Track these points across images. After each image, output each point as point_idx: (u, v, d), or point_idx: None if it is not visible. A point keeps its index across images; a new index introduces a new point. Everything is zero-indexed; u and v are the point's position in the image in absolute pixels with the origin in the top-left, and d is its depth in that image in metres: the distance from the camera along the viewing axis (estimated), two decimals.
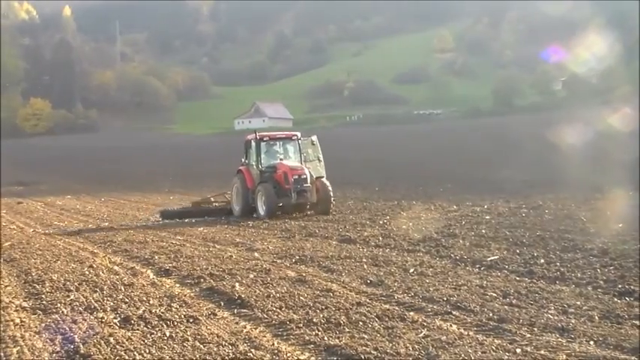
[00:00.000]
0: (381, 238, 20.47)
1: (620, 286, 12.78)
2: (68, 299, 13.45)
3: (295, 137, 31.89)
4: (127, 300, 13.21)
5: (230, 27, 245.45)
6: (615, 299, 11.93)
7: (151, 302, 12.93)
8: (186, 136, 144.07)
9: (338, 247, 19.30)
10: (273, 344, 10.07)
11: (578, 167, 37.91)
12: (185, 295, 13.59)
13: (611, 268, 14.46)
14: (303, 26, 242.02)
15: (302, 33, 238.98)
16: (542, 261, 15.56)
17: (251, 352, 9.61)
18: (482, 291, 12.85)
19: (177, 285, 14.81)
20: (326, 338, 10.13)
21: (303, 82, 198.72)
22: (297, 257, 17.70)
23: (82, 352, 9.84)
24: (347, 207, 32.09)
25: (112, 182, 62.68)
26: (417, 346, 9.52)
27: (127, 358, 9.51)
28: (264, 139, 31.46)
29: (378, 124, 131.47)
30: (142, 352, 9.76)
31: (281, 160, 30.82)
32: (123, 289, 14.37)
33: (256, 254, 18.61)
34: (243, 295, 13.07)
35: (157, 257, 18.46)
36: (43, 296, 13.85)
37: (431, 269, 15.22)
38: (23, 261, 18.77)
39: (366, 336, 10.17)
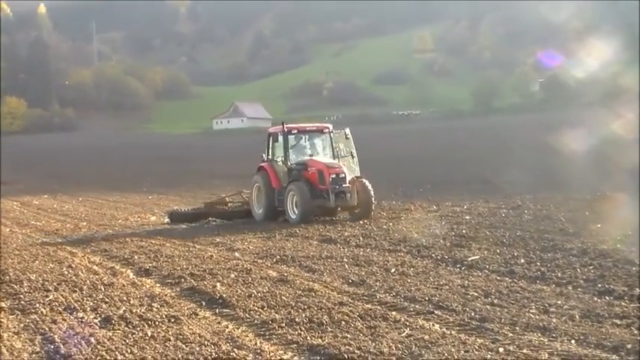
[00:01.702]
0: (361, 238, 20.50)
1: (599, 285, 12.85)
2: (47, 299, 13.44)
3: (327, 130, 28.21)
4: (107, 300, 13.20)
5: (209, 27, 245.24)
6: (595, 298, 12.00)
7: (132, 302, 12.93)
8: (164, 136, 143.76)
9: (319, 247, 19.31)
10: (256, 344, 10.09)
11: (557, 169, 38.08)
12: (166, 295, 13.59)
13: (591, 267, 14.54)
14: (282, 26, 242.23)
15: (281, 33, 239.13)
16: (523, 261, 15.63)
17: (234, 351, 9.63)
18: (463, 291, 12.89)
19: (158, 285, 14.80)
20: (309, 338, 10.16)
21: (282, 83, 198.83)
22: (278, 257, 17.70)
23: (62, 352, 9.85)
24: None
25: (89, 182, 62.16)
26: (400, 346, 9.55)
27: (108, 358, 9.52)
28: (293, 131, 27.78)
29: (358, 124, 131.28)
30: (124, 352, 9.75)
31: (311, 155, 27.53)
32: (103, 288, 14.36)
33: (237, 254, 18.60)
34: (224, 295, 13.08)
35: (136, 257, 18.43)
36: (22, 296, 13.84)
37: (412, 269, 15.25)
38: (0, 261, 18.61)
39: (349, 335, 10.20)
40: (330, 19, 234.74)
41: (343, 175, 25.55)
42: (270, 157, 27.92)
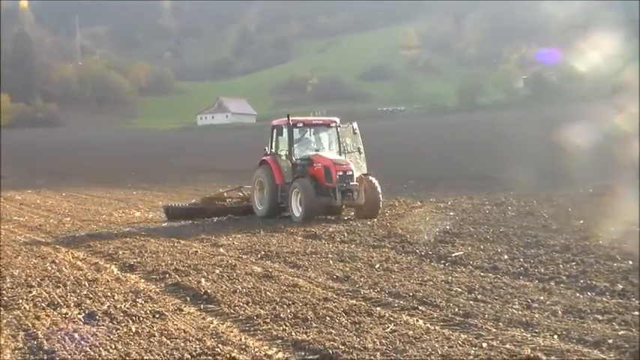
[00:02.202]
0: (346, 234, 20.52)
1: (582, 281, 12.95)
2: (30, 295, 13.38)
3: (334, 124, 26.67)
4: (91, 295, 13.15)
5: (193, 22, 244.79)
6: (577, 294, 12.08)
7: (116, 298, 12.91)
8: (148, 131, 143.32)
9: (303, 243, 19.34)
10: (241, 339, 10.12)
11: (541, 165, 38.19)
12: (150, 291, 13.59)
13: (573, 263, 14.63)
14: (267, 22, 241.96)
15: (266, 29, 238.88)
16: (506, 257, 15.70)
17: (218, 347, 9.63)
18: (447, 286, 12.96)
19: (142, 280, 14.81)
20: (293, 333, 10.18)
21: (267, 78, 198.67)
22: (263, 253, 17.72)
23: (45, 348, 9.82)
24: None
25: (73, 177, 62.02)
26: (384, 341, 9.60)
27: (92, 354, 9.48)
28: (298, 124, 26.09)
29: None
30: (108, 347, 9.73)
31: (316, 150, 26.00)
32: (87, 284, 14.30)
33: (221, 250, 18.61)
34: (209, 291, 13.09)
35: (121, 252, 18.39)
36: (4, 292, 13.76)
37: (396, 265, 15.31)
38: None
39: (333, 331, 10.24)
40: (314, 15, 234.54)
41: (351, 173, 24.08)
42: (273, 150, 26.45)
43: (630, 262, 14.48)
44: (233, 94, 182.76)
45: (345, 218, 25.10)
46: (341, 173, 23.71)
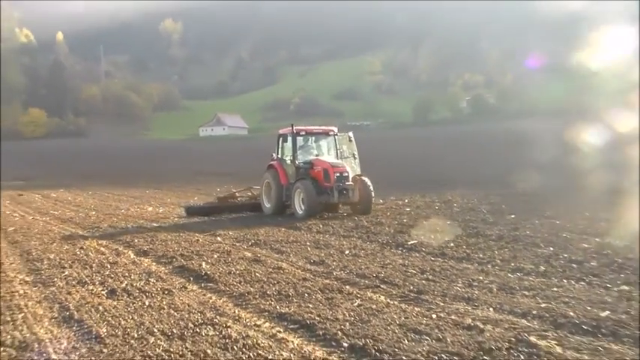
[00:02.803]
0: (321, 226, 20.45)
1: (512, 264, 12.98)
2: (63, 274, 13.36)
3: (332, 133, 25.87)
4: (112, 275, 13.12)
5: (197, 51, 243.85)
6: (509, 274, 12.12)
7: (132, 277, 12.86)
8: (159, 141, 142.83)
9: (286, 233, 19.27)
10: (235, 312, 10.10)
11: (480, 169, 38.31)
12: (160, 272, 13.52)
13: (506, 250, 14.68)
14: (257, 52, 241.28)
15: (257, 57, 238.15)
16: (452, 245, 15.71)
17: (216, 318, 9.62)
18: (404, 269, 12.95)
19: (154, 263, 14.72)
20: (278, 307, 10.16)
21: (257, 98, 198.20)
22: (253, 241, 17.64)
23: (75, 317, 9.83)
24: None
25: (97, 178, 61.87)
26: (352, 313, 9.61)
27: (113, 323, 9.46)
28: (301, 133, 25.35)
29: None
30: (126, 318, 9.73)
31: (317, 155, 25.13)
32: (109, 266, 14.27)
33: (219, 239, 18.52)
34: (208, 272, 13.04)
35: (136, 240, 18.29)
36: (42, 272, 13.76)
37: (362, 251, 15.30)
38: (24, 243, 18.56)
39: (310, 305, 10.23)
40: (297, 46, 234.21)
41: (346, 174, 23.44)
42: (279, 156, 25.68)
43: (551, 249, 14.56)
44: (229, 110, 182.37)
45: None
46: (338, 174, 23.19)
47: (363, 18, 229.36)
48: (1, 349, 8.36)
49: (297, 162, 24.42)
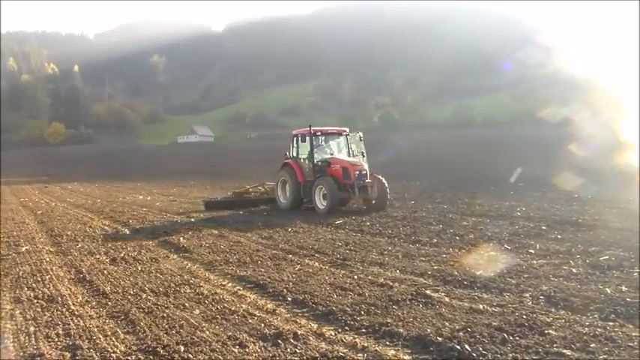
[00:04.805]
0: (271, 211, 20.45)
1: (413, 237, 13.08)
2: (77, 246, 13.21)
3: (345, 133, 21.99)
4: (113, 248, 12.92)
5: (177, 78, 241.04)
6: (410, 245, 12.20)
7: (128, 249, 12.70)
8: (148, 146, 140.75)
9: (244, 216, 19.18)
10: (205, 275, 10.00)
11: (386, 167, 38.66)
12: (149, 245, 13.33)
13: (408, 227, 14.78)
14: (223, 78, 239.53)
15: (222, 82, 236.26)
16: (368, 223, 15.79)
17: (192, 279, 9.53)
18: (332, 242, 12.96)
19: (144, 238, 14.49)
20: (238, 271, 10.07)
21: (222, 113, 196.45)
22: (219, 222, 17.46)
23: (87, 279, 9.77)
24: None
25: (102, 175, 61.30)
26: (294, 275, 9.57)
27: (115, 283, 9.36)
28: (318, 133, 21.35)
29: (269, 140, 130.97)
30: (124, 279, 9.62)
31: (331, 154, 21.23)
32: (110, 240, 14.11)
33: (193, 220, 18.31)
34: (185, 245, 12.91)
35: (131, 221, 18.03)
36: (62, 244, 13.58)
37: (301, 229, 15.26)
38: (49, 223, 18.24)
39: (262, 270, 10.14)
40: (255, 74, 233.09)
41: (365, 172, 19.77)
42: (294, 155, 21.57)
43: (441, 226, 14.73)
44: (200, 123, 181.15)
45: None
46: (358, 172, 19.44)
47: (303, 53, 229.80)
48: (35, 301, 8.37)
49: (315, 160, 20.56)
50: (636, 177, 24.20)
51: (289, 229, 15.17)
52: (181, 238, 13.92)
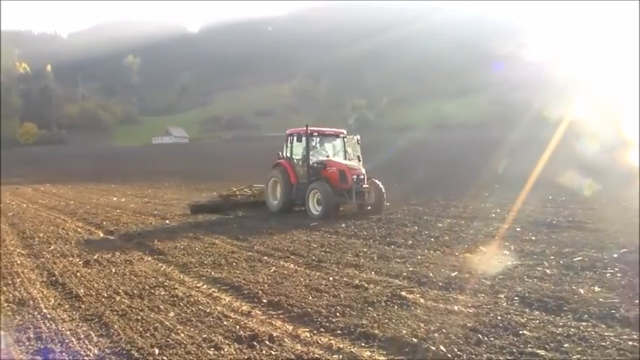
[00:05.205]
0: (246, 213, 20.36)
1: (388, 239, 13.15)
2: (50, 249, 13.00)
3: (342, 135, 20.82)
4: (86, 250, 12.75)
5: (151, 79, 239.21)
6: (385, 247, 12.26)
7: (102, 251, 12.52)
8: (122, 148, 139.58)
9: (219, 218, 19.06)
10: (180, 277, 9.94)
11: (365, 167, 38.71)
12: (123, 246, 13.21)
13: (383, 229, 14.87)
14: (198, 79, 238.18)
15: (197, 83, 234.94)
16: (344, 225, 15.82)
17: (166, 281, 9.47)
18: (307, 243, 12.97)
19: (119, 240, 14.39)
20: (213, 273, 10.03)
21: (197, 115, 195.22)
22: (193, 223, 17.43)
23: (60, 281, 9.63)
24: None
25: (75, 176, 60.53)
26: (269, 277, 9.55)
27: (88, 285, 9.25)
28: (314, 134, 20.16)
29: (244, 141, 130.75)
30: (98, 282, 9.49)
31: (327, 156, 20.12)
32: (84, 242, 13.93)
33: (167, 221, 18.19)
34: (160, 247, 12.81)
35: (105, 223, 17.85)
36: (34, 247, 13.35)
37: (277, 231, 15.22)
38: (20, 225, 17.90)
39: (237, 271, 10.11)
40: (230, 75, 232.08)
41: (362, 176, 18.73)
42: (288, 155, 20.47)
43: (416, 228, 14.84)
44: (175, 124, 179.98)
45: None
46: (355, 177, 18.44)
47: (279, 54, 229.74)
48: (5, 305, 8.24)
49: (309, 162, 19.44)
50: (609, 178, 24.54)
51: (264, 231, 15.13)
52: (156, 240, 13.81)
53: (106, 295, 8.67)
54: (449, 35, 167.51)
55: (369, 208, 18.97)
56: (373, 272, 9.78)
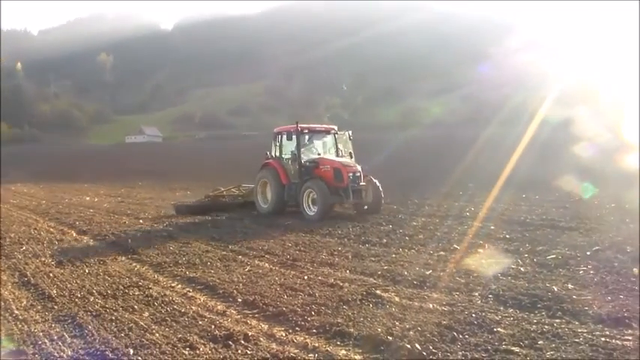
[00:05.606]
0: (221, 213, 20.19)
1: (362, 238, 13.18)
2: (21, 249, 12.91)
3: (333, 131, 19.97)
4: (59, 250, 12.72)
5: (125, 77, 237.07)
6: (360, 245, 12.28)
7: (75, 251, 12.52)
8: (95, 146, 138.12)
9: (193, 218, 18.91)
10: (154, 277, 9.91)
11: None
12: (97, 246, 13.18)
13: (358, 228, 14.89)
14: (172, 77, 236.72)
15: (171, 81, 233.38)
16: (318, 224, 15.84)
17: (141, 281, 9.43)
18: (282, 242, 12.96)
19: (92, 240, 14.28)
20: (187, 272, 10.00)
21: (170, 114, 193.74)
22: (168, 222, 17.36)
23: (32, 282, 9.58)
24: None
25: (47, 175, 59.93)
26: (244, 276, 9.54)
27: (61, 286, 9.20)
28: (304, 131, 19.23)
29: (217, 140, 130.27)
30: (71, 282, 9.45)
31: (318, 154, 19.23)
32: (56, 242, 13.86)
33: (141, 221, 18.07)
34: (133, 246, 12.75)
35: (77, 222, 17.71)
36: (5, 247, 13.25)
37: (251, 230, 15.22)
38: None
39: (212, 271, 10.08)
40: (203, 73, 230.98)
41: (359, 174, 17.72)
42: (277, 154, 19.56)
43: (390, 226, 14.91)
44: (149, 123, 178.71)
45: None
46: (351, 174, 17.47)
47: (253, 53, 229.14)
48: None
49: (300, 161, 18.51)
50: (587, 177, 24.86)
51: (238, 230, 15.11)
52: (129, 240, 13.72)
53: (79, 295, 8.59)
54: (424, 34, 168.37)
55: (366, 207, 18.17)
56: (348, 271, 9.81)
